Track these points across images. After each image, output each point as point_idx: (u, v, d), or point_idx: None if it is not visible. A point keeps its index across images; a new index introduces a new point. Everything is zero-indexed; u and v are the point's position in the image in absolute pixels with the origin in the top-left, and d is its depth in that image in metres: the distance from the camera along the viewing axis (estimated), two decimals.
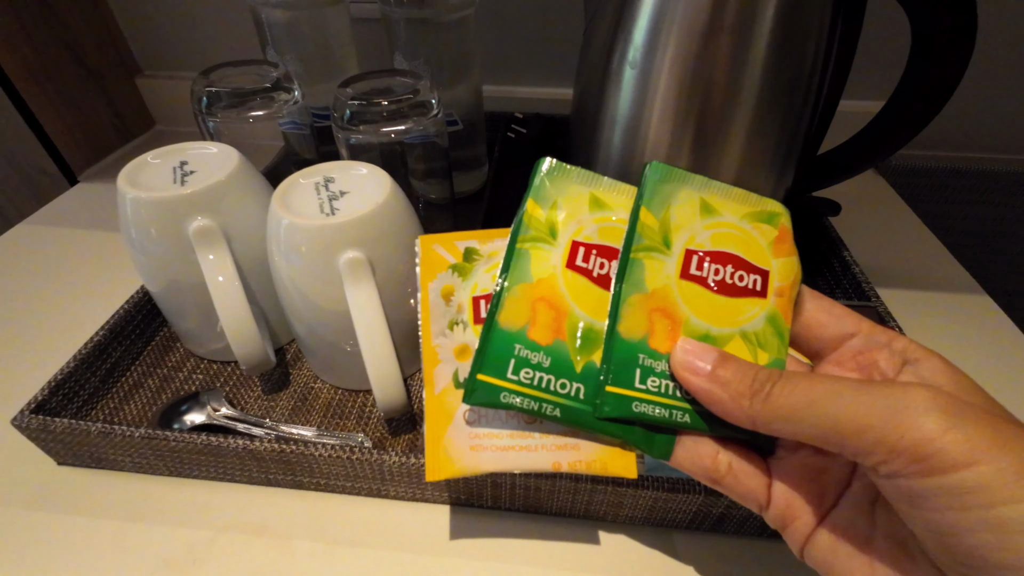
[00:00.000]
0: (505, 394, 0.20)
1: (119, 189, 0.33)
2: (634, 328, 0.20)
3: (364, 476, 0.31)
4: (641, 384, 0.20)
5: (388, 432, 0.35)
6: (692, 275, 0.21)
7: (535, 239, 0.22)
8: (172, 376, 0.39)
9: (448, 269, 0.25)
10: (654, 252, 0.21)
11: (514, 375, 0.20)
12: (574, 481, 0.28)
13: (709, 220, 0.22)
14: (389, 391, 0.30)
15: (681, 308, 0.20)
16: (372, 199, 0.32)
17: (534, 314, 0.20)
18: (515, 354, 0.20)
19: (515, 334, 0.20)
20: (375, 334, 0.30)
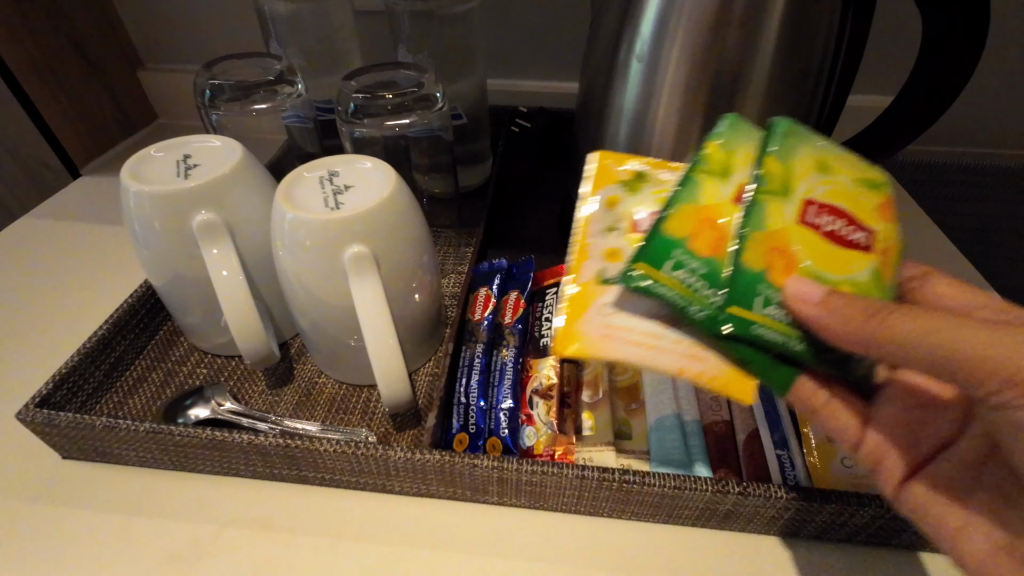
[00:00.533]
0: (657, 284, 0.21)
1: (122, 183, 0.32)
2: (754, 260, 0.22)
3: (369, 471, 0.31)
4: (759, 310, 0.21)
5: (393, 427, 0.35)
6: (808, 222, 0.22)
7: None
8: (176, 370, 0.39)
9: (618, 183, 0.26)
10: (776, 196, 0.23)
11: (670, 271, 0.21)
12: (580, 478, 0.28)
13: (825, 177, 0.24)
14: (394, 387, 0.30)
15: (796, 250, 0.22)
16: (377, 193, 0.31)
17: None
18: (672, 256, 0.22)
19: (677, 241, 0.22)
20: (380, 329, 0.30)
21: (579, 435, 0.32)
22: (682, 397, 0.33)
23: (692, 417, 0.33)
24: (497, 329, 0.37)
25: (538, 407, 0.33)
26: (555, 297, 0.37)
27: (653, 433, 0.32)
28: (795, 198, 0.23)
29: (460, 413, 0.33)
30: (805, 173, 0.23)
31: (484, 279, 0.40)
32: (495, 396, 0.34)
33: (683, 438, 0.32)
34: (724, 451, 0.32)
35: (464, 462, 0.29)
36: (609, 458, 0.31)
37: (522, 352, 0.35)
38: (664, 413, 0.33)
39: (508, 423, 0.32)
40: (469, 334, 0.37)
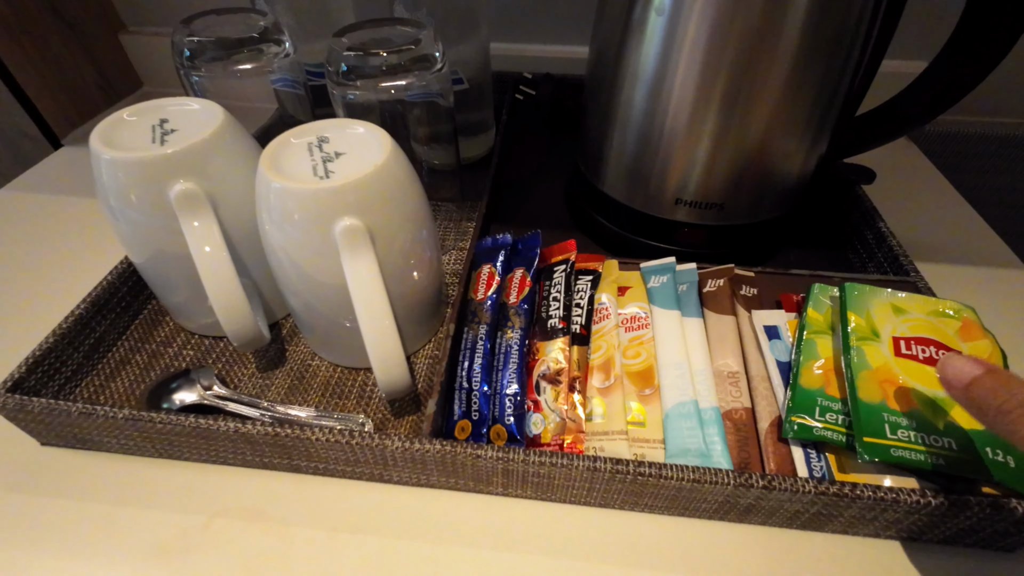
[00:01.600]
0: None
1: (92, 149, 0.30)
2: (871, 395, 0.27)
3: (365, 461, 0.29)
4: (892, 434, 0.26)
5: (391, 413, 0.33)
6: (904, 354, 0.29)
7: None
8: (161, 352, 0.37)
9: None
10: (868, 340, 0.30)
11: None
12: (591, 471, 0.26)
13: (902, 317, 0.31)
14: (391, 372, 0.28)
15: (904, 378, 0.28)
16: (371, 160, 0.29)
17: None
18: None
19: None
20: (375, 310, 0.28)
21: (589, 422, 0.30)
22: (700, 382, 0.31)
23: (710, 404, 0.30)
24: (501, 309, 0.35)
25: (546, 393, 0.31)
26: (564, 275, 0.35)
27: (669, 421, 0.30)
28: (884, 338, 0.29)
29: (462, 399, 0.31)
30: (885, 319, 0.30)
31: (487, 256, 0.37)
32: (499, 381, 0.32)
33: (701, 426, 0.30)
34: (745, 440, 0.30)
35: (467, 452, 0.27)
36: (621, 448, 0.29)
37: (528, 334, 0.33)
38: (680, 399, 0.30)
39: (513, 410, 0.30)
40: (471, 314, 0.34)
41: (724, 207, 0.39)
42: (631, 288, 0.36)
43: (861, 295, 0.32)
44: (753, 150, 0.36)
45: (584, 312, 0.34)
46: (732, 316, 0.34)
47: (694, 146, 0.36)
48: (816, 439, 0.28)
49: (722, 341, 0.33)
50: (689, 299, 0.35)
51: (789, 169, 0.38)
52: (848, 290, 0.32)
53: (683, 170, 0.37)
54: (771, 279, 0.37)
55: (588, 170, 0.45)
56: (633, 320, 0.34)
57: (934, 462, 0.25)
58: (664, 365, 0.32)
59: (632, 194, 0.41)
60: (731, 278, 0.36)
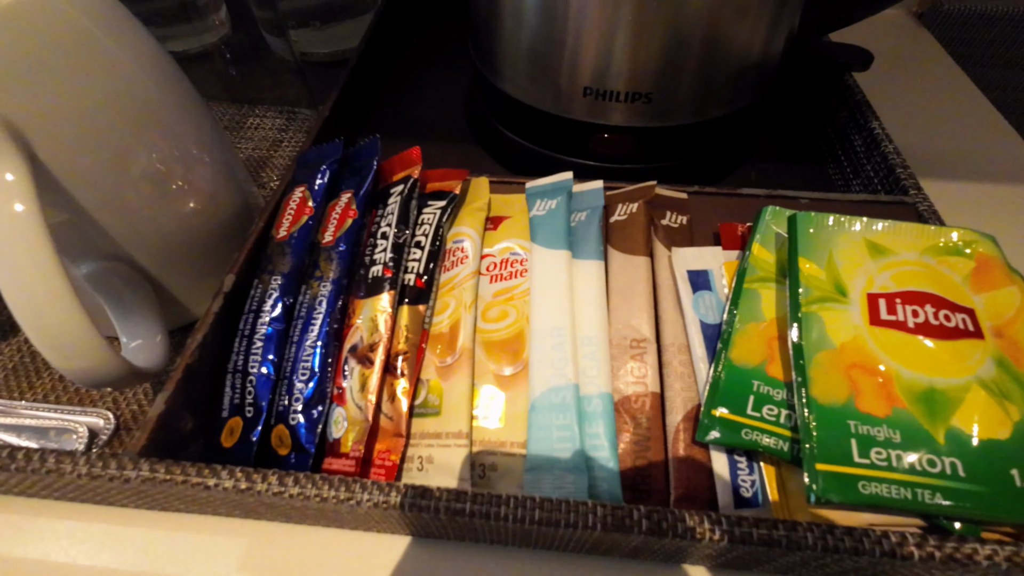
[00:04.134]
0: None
1: None
2: (832, 390, 0.18)
3: (56, 488, 0.19)
4: (862, 457, 0.16)
5: (149, 404, 0.23)
6: (885, 320, 0.19)
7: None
8: None
9: None
10: (828, 302, 0.19)
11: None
12: (378, 506, 0.16)
13: (883, 260, 0.20)
14: (65, 351, 0.17)
15: (884, 359, 0.18)
16: None
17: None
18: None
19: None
20: (19, 256, 0.16)
21: (418, 419, 0.20)
22: (587, 357, 0.21)
23: (599, 388, 0.20)
24: (311, 252, 0.24)
25: (352, 377, 0.20)
26: (400, 200, 0.24)
27: (535, 414, 0.20)
28: (854, 297, 0.19)
29: (236, 386, 0.21)
30: (855, 264, 0.20)
31: (305, 174, 0.26)
32: (292, 359, 0.21)
33: (579, 422, 0.20)
34: (644, 442, 0.20)
35: (189, 482, 0.17)
36: (458, 457, 0.19)
37: (342, 288, 0.22)
38: (554, 383, 0.20)
39: (306, 403, 0.20)
40: (265, 259, 0.23)
41: (652, 98, 0.27)
42: (509, 219, 0.25)
43: (820, 228, 0.21)
44: (691, 11, 0.24)
45: (425, 254, 0.23)
46: (646, 257, 0.23)
47: (607, 4, 0.24)
48: (744, 445, 0.18)
49: (629, 294, 0.23)
50: (587, 233, 0.24)
51: (745, 43, 0.26)
52: (800, 223, 0.21)
53: (590, 42, 0.25)
54: (713, 203, 0.26)
55: (480, 60, 0.32)
56: (504, 265, 0.24)
57: (930, 500, 0.15)
58: (539, 332, 0.22)
59: (532, 87, 0.29)
60: (649, 200, 0.24)
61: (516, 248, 0.24)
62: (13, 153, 0.17)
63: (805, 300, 0.19)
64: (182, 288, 0.25)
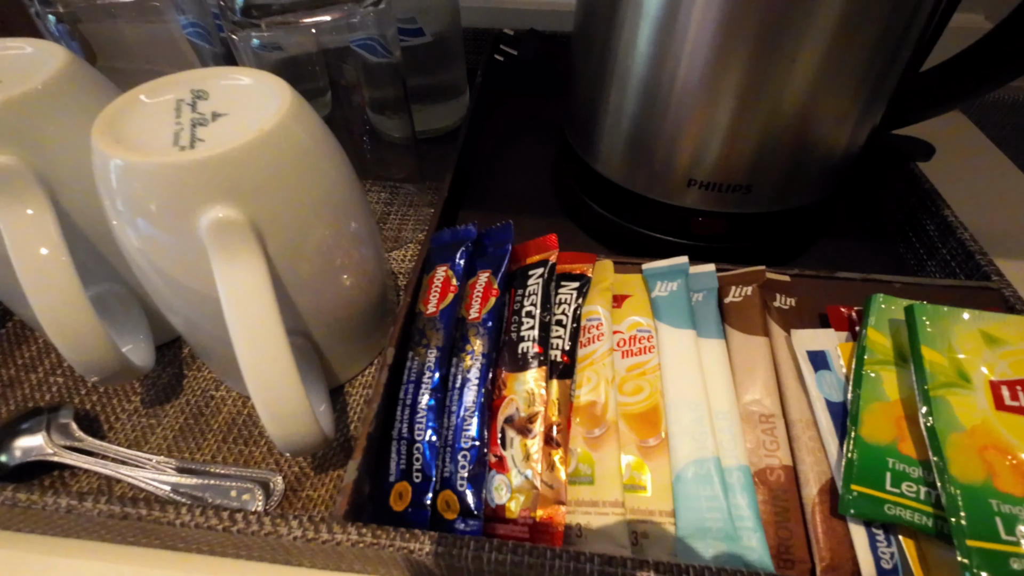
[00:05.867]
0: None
1: None
2: (969, 471, 0.19)
3: (257, 546, 0.21)
4: (1009, 535, 0.18)
5: (311, 465, 0.25)
6: (1009, 406, 0.21)
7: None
8: (21, 379, 0.28)
9: None
10: (954, 388, 0.21)
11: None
12: (572, 572, 0.18)
13: (999, 349, 0.22)
14: (287, 423, 0.20)
15: (1013, 442, 0.20)
16: (257, 122, 0.20)
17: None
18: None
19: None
20: (260, 340, 0.19)
21: (573, 487, 0.22)
22: (723, 430, 0.23)
23: (737, 461, 0.22)
24: (458, 327, 0.26)
25: (513, 447, 0.22)
26: (541, 282, 0.26)
27: (681, 485, 0.22)
28: (977, 384, 0.21)
29: (401, 452, 0.23)
30: (974, 353, 0.22)
31: (443, 254, 0.29)
32: (452, 428, 0.23)
33: (725, 494, 0.21)
34: (784, 513, 0.22)
35: (395, 545, 0.19)
36: (615, 525, 0.21)
37: (492, 361, 0.25)
38: (698, 455, 0.22)
39: (470, 470, 0.22)
40: (418, 334, 0.26)
41: (751, 189, 0.30)
42: (630, 297, 0.28)
43: (936, 321, 0.23)
44: (792, 114, 0.27)
45: (568, 332, 0.25)
46: (764, 336, 0.26)
47: (714, 109, 0.27)
48: (888, 520, 0.20)
49: (751, 371, 0.25)
50: (706, 313, 0.26)
51: (835, 140, 0.29)
52: (918, 313, 0.23)
53: (699, 141, 0.29)
54: (811, 285, 0.29)
55: (578, 144, 0.36)
56: (633, 341, 0.26)
57: None
58: (674, 405, 0.24)
59: (633, 173, 0.33)
60: (762, 284, 0.27)
61: (642, 325, 0.26)
62: (258, 251, 0.20)
63: (932, 385, 0.21)
64: (335, 355, 0.27)
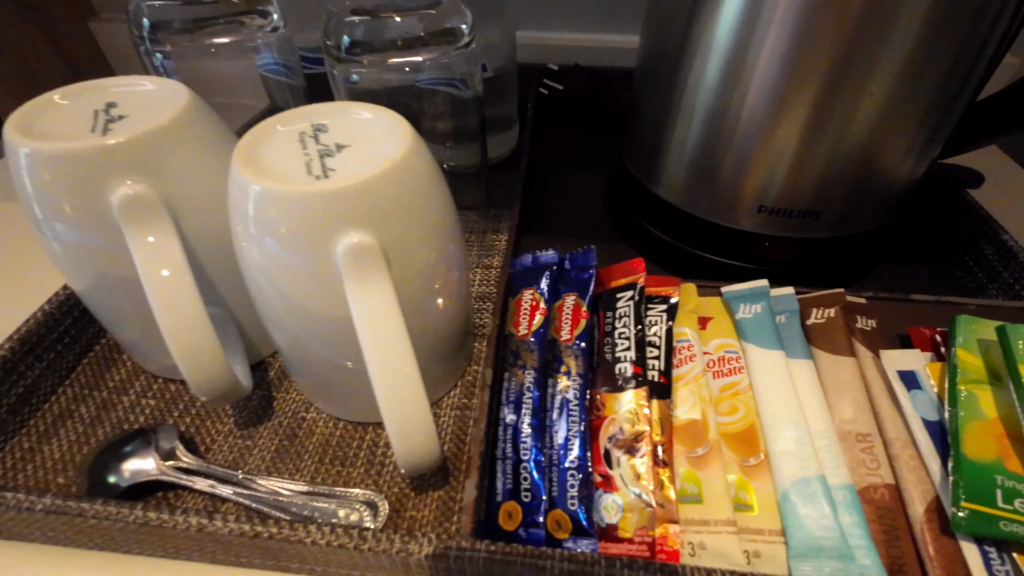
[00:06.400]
0: None
1: (6, 139, 0.22)
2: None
3: (380, 567, 0.21)
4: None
5: (410, 487, 0.25)
6: None
7: None
8: (114, 401, 0.29)
9: None
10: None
11: None
12: None
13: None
14: (414, 441, 0.20)
15: None
16: (384, 154, 0.21)
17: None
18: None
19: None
20: (394, 359, 0.20)
21: (683, 506, 0.23)
22: (823, 449, 0.24)
23: (842, 480, 0.23)
24: (550, 348, 0.27)
25: (620, 465, 0.23)
26: (632, 304, 0.27)
27: (788, 504, 0.22)
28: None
29: (507, 472, 0.24)
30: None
31: (526, 278, 0.30)
32: (555, 447, 0.24)
33: (834, 512, 0.22)
34: (893, 531, 0.22)
35: (523, 560, 0.19)
36: (730, 544, 0.21)
37: (589, 382, 0.25)
38: (802, 474, 0.23)
39: (579, 489, 0.22)
40: (511, 355, 0.27)
41: (820, 216, 0.31)
42: (713, 319, 0.28)
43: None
44: (864, 145, 0.28)
45: (662, 353, 0.26)
46: (851, 357, 0.26)
47: (789, 140, 0.29)
48: (1005, 537, 0.20)
49: (841, 391, 0.25)
50: (791, 334, 0.27)
51: (901, 168, 0.31)
52: (1011, 334, 0.24)
53: (773, 170, 0.30)
54: (885, 307, 0.30)
55: (639, 170, 0.37)
56: (722, 362, 0.27)
57: None
58: (772, 424, 0.24)
59: (698, 199, 0.34)
60: (843, 306, 0.28)
61: (730, 346, 0.27)
62: (388, 274, 0.20)
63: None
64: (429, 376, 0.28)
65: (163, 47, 0.29)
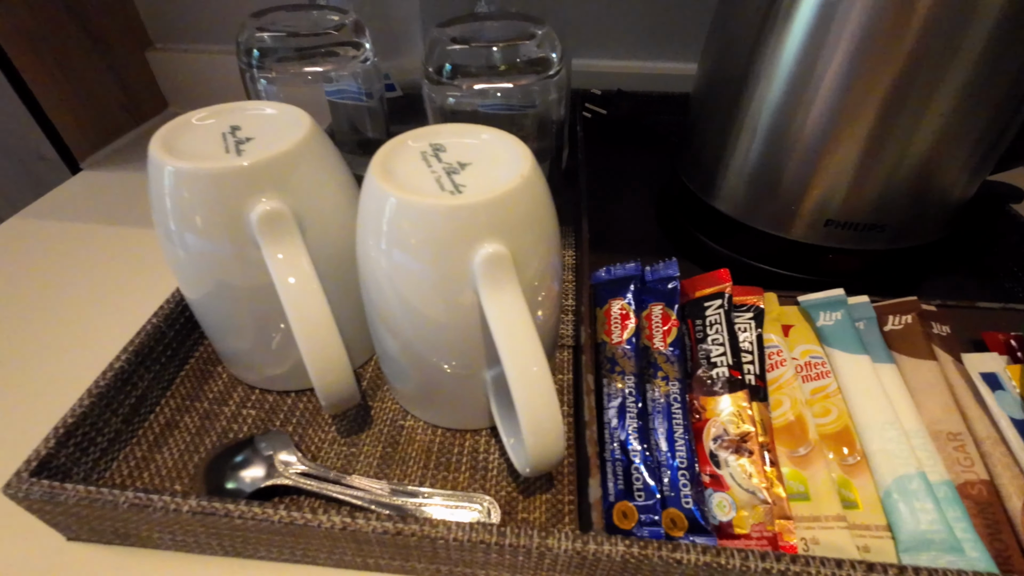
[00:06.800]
0: None
1: (152, 159, 0.23)
2: None
3: (509, 564, 0.22)
4: None
5: (517, 490, 0.26)
6: None
7: None
8: (216, 412, 0.30)
9: None
10: None
11: None
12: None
13: None
14: (547, 439, 0.21)
15: None
16: (507, 173, 0.23)
17: None
18: None
19: None
20: (530, 358, 0.21)
21: (793, 503, 0.24)
22: (918, 447, 0.25)
23: (941, 476, 0.24)
24: (644, 355, 0.28)
25: (729, 465, 0.24)
26: (722, 312, 0.29)
27: (891, 500, 0.23)
28: None
29: (617, 473, 0.24)
30: None
31: (611, 289, 0.31)
32: (661, 448, 0.25)
33: (938, 507, 0.23)
34: (995, 525, 0.23)
35: (659, 555, 0.20)
36: (842, 539, 0.22)
37: (688, 386, 0.27)
38: (904, 471, 0.24)
39: (692, 487, 0.23)
40: (608, 362, 0.28)
41: (884, 229, 0.33)
42: (794, 327, 0.30)
43: None
44: (931, 161, 0.30)
45: (756, 358, 0.27)
46: (932, 361, 0.28)
47: (855, 154, 0.30)
48: None
49: (927, 393, 0.27)
50: (872, 340, 0.29)
51: (960, 182, 0.32)
52: None
53: (839, 184, 0.32)
54: (952, 314, 0.31)
55: (697, 185, 0.39)
56: (809, 367, 0.28)
57: None
58: (866, 425, 0.25)
59: (759, 212, 0.36)
60: (919, 313, 0.29)
61: (814, 352, 0.28)
62: (518, 282, 0.22)
63: None
64: None
65: (268, 74, 0.31)
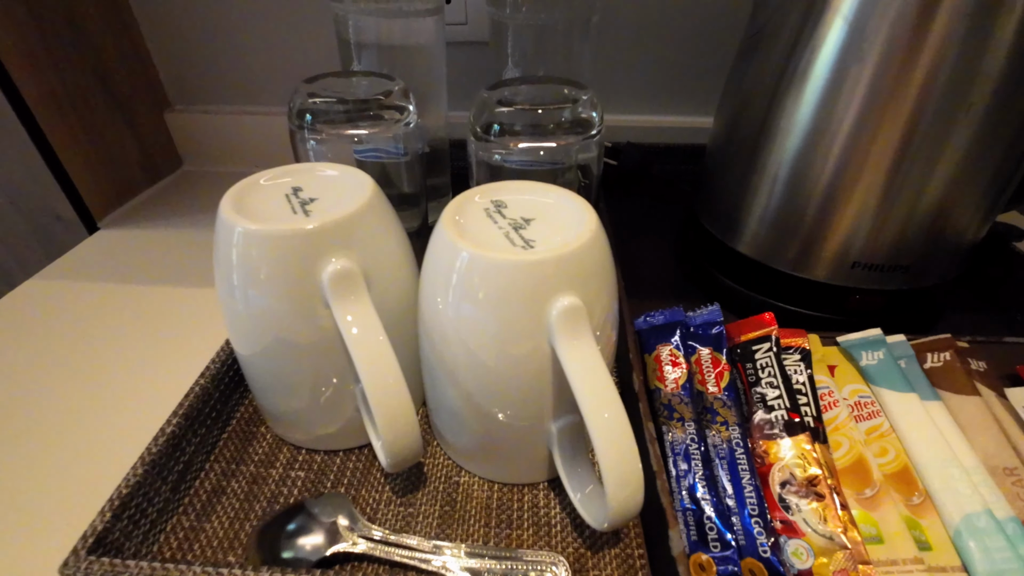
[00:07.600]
0: None
1: (224, 220, 0.24)
2: None
3: None
4: None
5: (584, 545, 0.26)
6: None
7: None
8: (263, 475, 0.29)
9: None
10: None
11: None
12: None
13: None
14: (629, 489, 0.21)
15: None
16: (575, 226, 0.24)
17: None
18: None
19: None
20: (611, 409, 0.21)
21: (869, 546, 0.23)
22: (979, 484, 0.25)
23: (1006, 513, 0.24)
24: (699, 400, 0.28)
25: (801, 510, 0.24)
26: (772, 355, 0.29)
27: (963, 539, 0.23)
28: None
29: (689, 523, 0.24)
30: None
31: (658, 335, 0.32)
32: (730, 496, 0.25)
33: (1010, 545, 0.23)
34: None
35: None
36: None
37: (748, 431, 0.27)
38: (971, 509, 0.24)
39: (767, 535, 0.23)
40: (664, 408, 0.28)
41: (910, 269, 0.34)
42: (838, 367, 0.31)
43: None
44: (955, 204, 0.32)
45: (810, 400, 0.28)
46: (976, 396, 0.28)
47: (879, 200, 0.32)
48: None
49: (977, 429, 0.27)
50: (915, 377, 0.29)
51: (975, 221, 0.35)
52: None
53: (866, 229, 0.33)
54: (984, 349, 0.32)
55: (718, 229, 0.41)
56: (860, 407, 0.28)
57: None
58: (925, 464, 0.26)
59: (783, 254, 0.37)
60: (956, 350, 0.30)
61: (862, 391, 0.29)
62: (590, 330, 0.22)
63: None
64: None
65: (317, 135, 0.32)
